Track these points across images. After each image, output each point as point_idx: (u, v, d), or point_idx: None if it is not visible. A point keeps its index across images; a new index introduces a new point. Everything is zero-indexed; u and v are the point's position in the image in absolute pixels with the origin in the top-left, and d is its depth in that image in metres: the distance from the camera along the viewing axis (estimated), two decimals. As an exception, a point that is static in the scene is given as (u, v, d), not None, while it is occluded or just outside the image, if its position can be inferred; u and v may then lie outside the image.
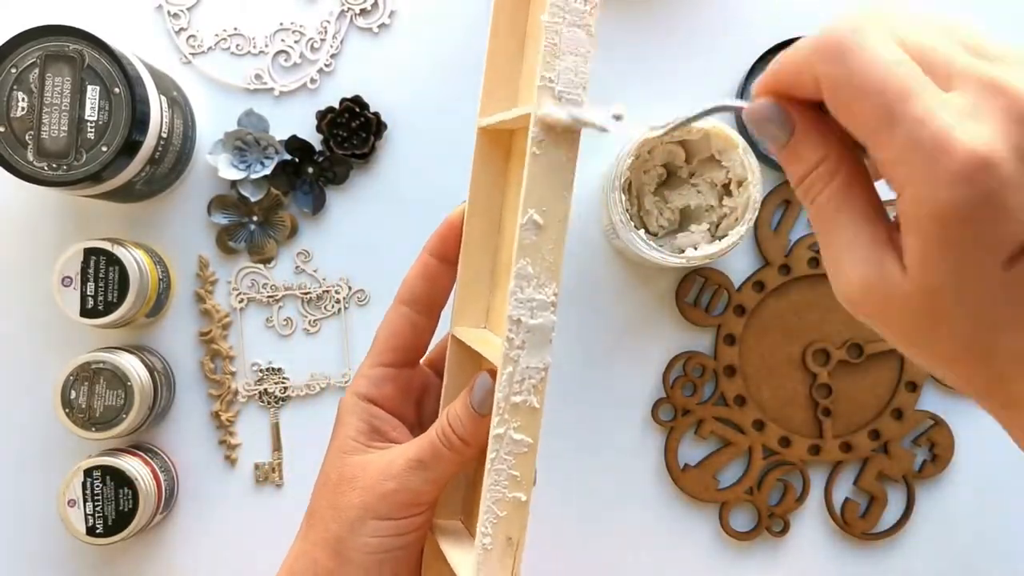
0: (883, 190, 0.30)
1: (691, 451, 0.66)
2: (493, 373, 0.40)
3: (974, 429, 0.67)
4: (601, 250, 0.65)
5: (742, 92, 0.64)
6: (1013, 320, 0.27)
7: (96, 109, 0.54)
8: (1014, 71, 0.27)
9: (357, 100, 0.64)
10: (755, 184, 0.58)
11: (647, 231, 0.61)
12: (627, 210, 0.58)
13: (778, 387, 0.66)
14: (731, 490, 0.66)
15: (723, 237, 0.58)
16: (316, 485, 0.46)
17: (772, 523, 0.66)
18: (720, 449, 0.66)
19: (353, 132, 0.64)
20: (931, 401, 0.67)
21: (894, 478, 0.66)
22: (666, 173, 0.62)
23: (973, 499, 0.67)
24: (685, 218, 0.62)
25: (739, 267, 0.66)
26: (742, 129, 0.61)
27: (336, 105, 0.64)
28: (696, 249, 0.59)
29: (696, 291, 0.65)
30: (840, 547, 0.67)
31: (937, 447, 0.66)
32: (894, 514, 0.67)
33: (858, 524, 0.66)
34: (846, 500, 0.66)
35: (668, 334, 0.66)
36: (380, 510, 0.43)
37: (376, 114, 0.64)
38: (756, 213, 0.58)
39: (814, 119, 0.31)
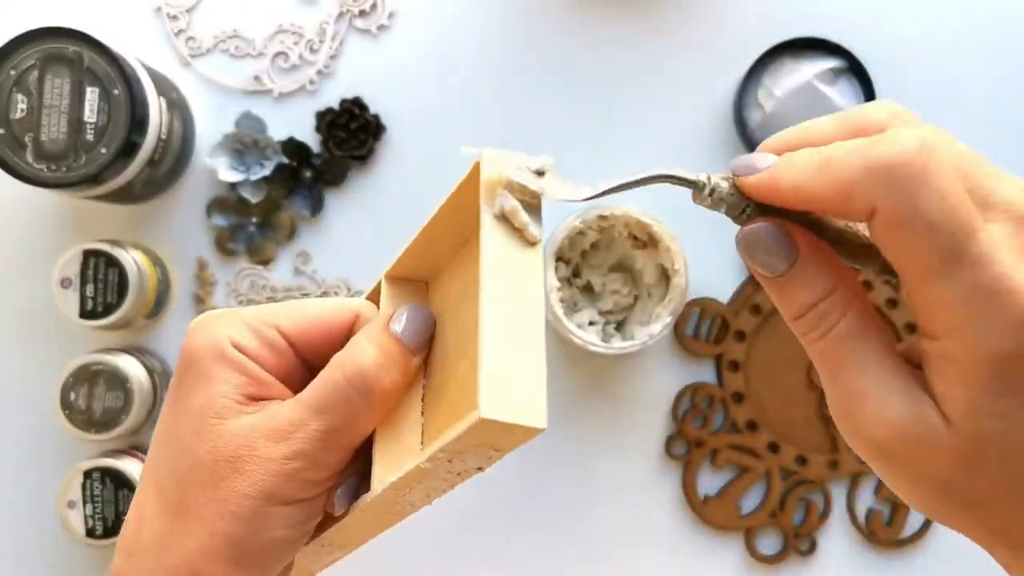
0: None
1: (709, 482, 0.66)
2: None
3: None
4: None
5: (741, 93, 0.64)
6: None
7: (95, 111, 0.54)
8: None
9: (357, 101, 0.64)
10: (683, 273, 0.58)
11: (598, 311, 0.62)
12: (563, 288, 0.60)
13: (787, 407, 0.66)
14: (754, 516, 0.65)
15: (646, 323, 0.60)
16: (174, 467, 0.33)
17: (799, 543, 0.66)
18: (738, 476, 0.66)
19: (352, 134, 0.64)
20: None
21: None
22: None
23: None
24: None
25: (730, 289, 0.66)
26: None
27: (335, 106, 0.64)
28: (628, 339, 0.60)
29: (694, 323, 0.65)
30: (870, 558, 0.66)
31: None
32: (918, 518, 0.66)
33: (885, 532, 0.66)
34: (870, 510, 0.66)
35: (672, 368, 0.65)
36: (285, 494, 0.32)
37: (376, 116, 0.64)
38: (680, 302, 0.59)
39: (816, 244, 0.28)
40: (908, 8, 0.66)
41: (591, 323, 0.61)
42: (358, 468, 0.35)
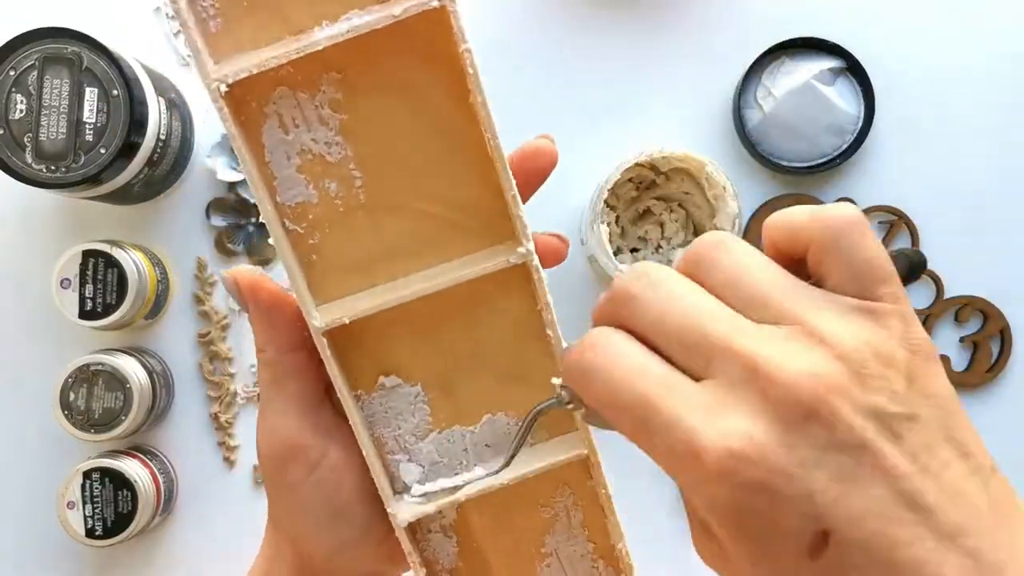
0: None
1: None
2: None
3: (983, 425, 0.66)
4: (586, 279, 0.65)
5: (740, 93, 0.64)
6: None
7: (94, 111, 0.54)
8: (780, 340, 0.25)
9: (355, 102, 0.64)
10: (732, 196, 0.58)
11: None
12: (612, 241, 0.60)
13: None
14: None
15: None
16: None
17: None
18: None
19: (351, 134, 0.64)
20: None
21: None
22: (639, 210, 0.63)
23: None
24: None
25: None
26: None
27: (334, 107, 0.64)
28: None
29: None
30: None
31: None
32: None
33: None
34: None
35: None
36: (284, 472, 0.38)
37: (374, 116, 0.64)
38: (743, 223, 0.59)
39: None
40: (907, 8, 0.66)
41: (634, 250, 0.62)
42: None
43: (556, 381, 0.31)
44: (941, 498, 0.24)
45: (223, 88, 0.31)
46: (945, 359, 0.66)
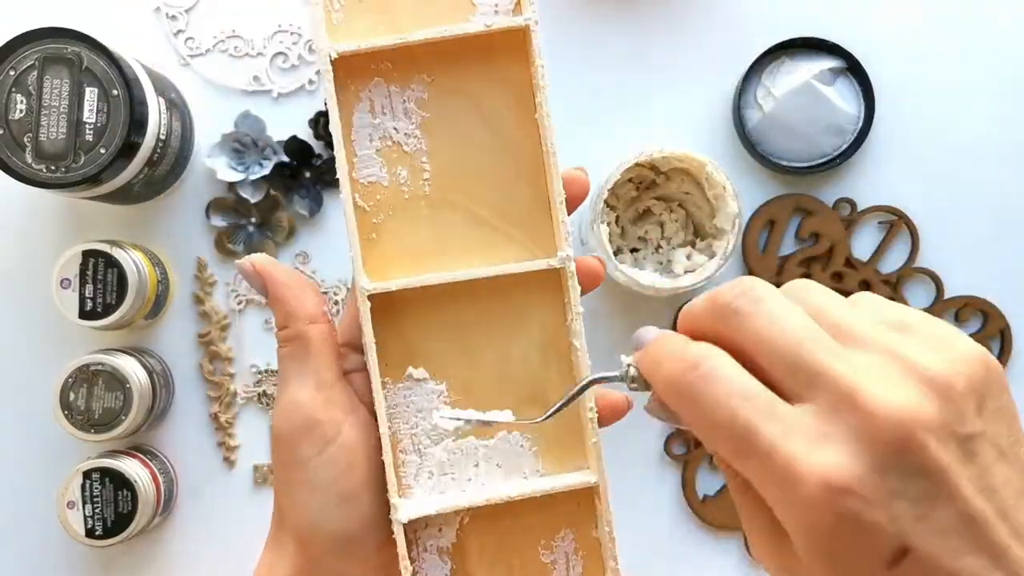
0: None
1: (709, 482, 0.66)
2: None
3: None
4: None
5: (740, 92, 0.64)
6: None
7: (94, 111, 0.54)
8: (875, 370, 0.26)
9: (355, 102, 0.64)
10: (732, 196, 0.58)
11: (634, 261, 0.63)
12: (613, 242, 0.60)
13: None
14: None
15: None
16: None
17: None
18: (738, 477, 0.66)
19: (351, 134, 0.64)
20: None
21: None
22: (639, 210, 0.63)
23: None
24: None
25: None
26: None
27: (334, 107, 0.64)
28: (689, 269, 0.60)
29: None
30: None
31: None
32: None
33: None
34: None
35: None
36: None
37: (374, 116, 0.64)
38: (742, 225, 0.59)
39: None
40: (907, 8, 0.66)
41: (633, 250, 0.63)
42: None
43: (626, 359, 0.32)
44: (996, 519, 0.26)
45: (333, 55, 0.37)
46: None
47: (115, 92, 0.54)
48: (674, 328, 0.31)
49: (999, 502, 0.27)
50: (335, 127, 0.37)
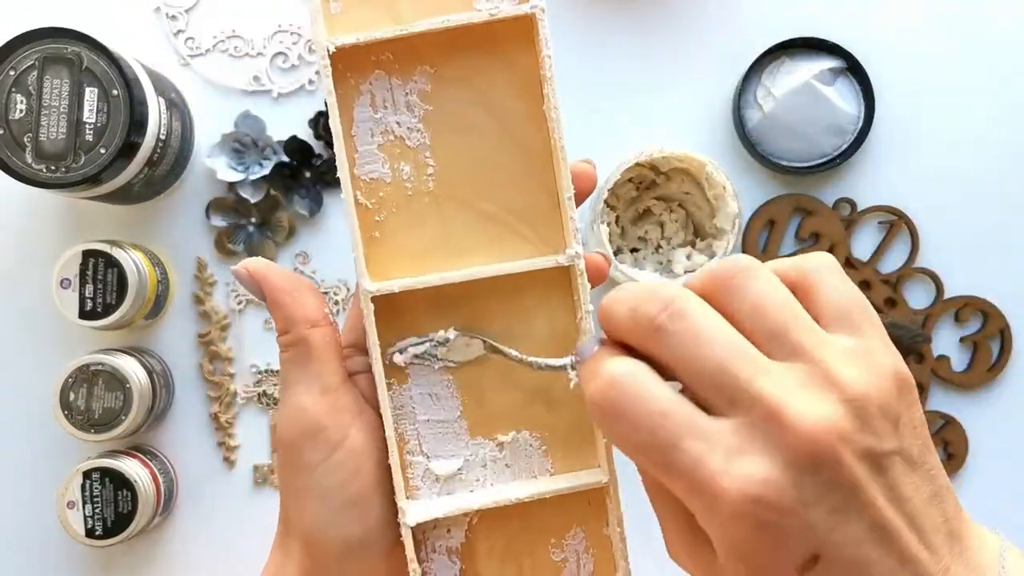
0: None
1: None
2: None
3: (984, 425, 0.66)
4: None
5: (740, 92, 0.64)
6: None
7: (94, 111, 0.54)
8: (797, 384, 0.27)
9: (355, 102, 0.64)
10: (732, 196, 0.58)
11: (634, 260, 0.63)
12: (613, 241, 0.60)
13: None
14: None
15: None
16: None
17: None
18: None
19: (351, 134, 0.64)
20: (939, 402, 0.67)
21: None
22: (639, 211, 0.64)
23: (992, 494, 0.66)
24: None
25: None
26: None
27: (334, 107, 0.64)
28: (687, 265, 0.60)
29: None
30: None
31: (951, 445, 0.66)
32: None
33: None
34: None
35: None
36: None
37: (374, 116, 0.64)
38: (742, 224, 0.59)
39: None
40: (907, 8, 0.66)
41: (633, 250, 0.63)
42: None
43: (567, 361, 0.33)
44: (905, 528, 0.27)
45: (331, 48, 0.35)
46: (945, 359, 0.66)
47: (115, 92, 0.54)
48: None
49: (910, 510, 0.28)
50: (335, 122, 0.36)
